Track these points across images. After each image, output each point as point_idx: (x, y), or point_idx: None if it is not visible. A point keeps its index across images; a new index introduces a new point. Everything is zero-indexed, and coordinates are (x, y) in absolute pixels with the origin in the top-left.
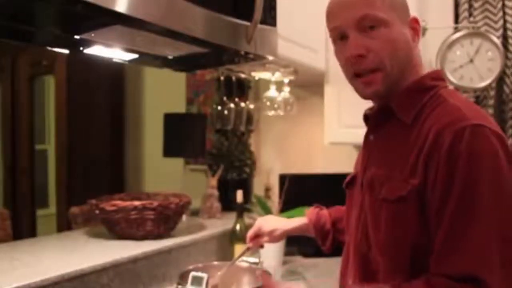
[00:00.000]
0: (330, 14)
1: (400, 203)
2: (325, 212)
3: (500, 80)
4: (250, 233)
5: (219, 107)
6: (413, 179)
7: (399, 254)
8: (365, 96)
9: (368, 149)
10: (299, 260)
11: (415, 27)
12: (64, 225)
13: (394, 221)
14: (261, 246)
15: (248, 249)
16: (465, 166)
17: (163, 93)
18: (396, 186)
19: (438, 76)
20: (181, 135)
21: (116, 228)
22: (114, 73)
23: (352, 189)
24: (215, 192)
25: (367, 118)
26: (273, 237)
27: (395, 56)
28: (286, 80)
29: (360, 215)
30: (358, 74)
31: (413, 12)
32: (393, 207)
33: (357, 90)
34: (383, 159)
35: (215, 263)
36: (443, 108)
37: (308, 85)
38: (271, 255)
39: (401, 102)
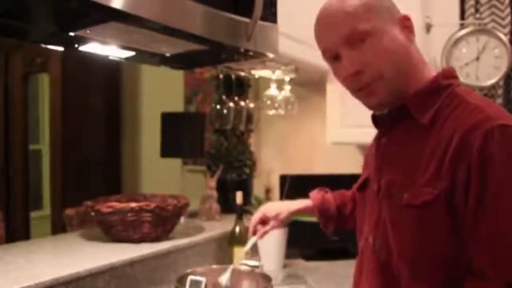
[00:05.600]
0: (318, 36)
1: (425, 209)
2: (330, 195)
3: (508, 78)
4: (254, 220)
5: (218, 106)
6: (439, 183)
7: (425, 260)
8: (371, 107)
9: (381, 152)
10: (300, 263)
11: (407, 25)
12: (59, 227)
13: (420, 227)
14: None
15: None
16: (500, 167)
17: (161, 92)
18: (420, 191)
19: (451, 75)
20: (179, 135)
21: (112, 231)
22: (110, 71)
23: (364, 193)
24: (214, 194)
25: (375, 119)
26: (279, 221)
27: (392, 62)
28: (287, 78)
29: (378, 222)
30: (360, 89)
31: (417, 8)
32: (419, 213)
33: (363, 102)
34: (400, 163)
35: (214, 266)
36: (465, 108)
37: (310, 84)
38: (271, 258)
39: (416, 102)
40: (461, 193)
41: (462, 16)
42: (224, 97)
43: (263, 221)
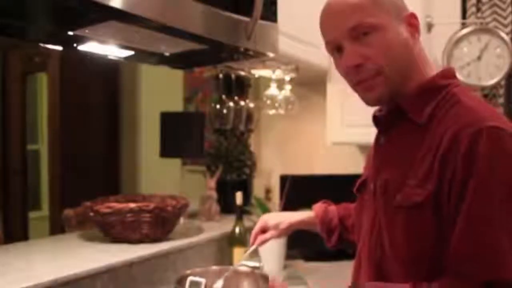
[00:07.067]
0: (322, 27)
1: (416, 210)
2: (332, 208)
3: (509, 77)
4: (255, 229)
5: (218, 106)
6: (429, 184)
7: (416, 260)
8: (369, 102)
9: (380, 152)
10: (300, 264)
11: (413, 23)
12: (57, 228)
13: (411, 228)
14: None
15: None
16: (482, 167)
17: (160, 91)
18: (412, 192)
19: (450, 75)
20: (179, 135)
21: (111, 231)
22: (109, 70)
23: (363, 194)
24: (214, 194)
25: (376, 119)
26: (279, 230)
27: (394, 59)
28: (287, 78)
29: (374, 221)
30: (359, 82)
31: (418, 7)
32: (410, 214)
33: (361, 97)
34: (396, 163)
35: (214, 267)
36: (458, 109)
37: (310, 83)
38: (271, 259)
39: (412, 102)
40: (446, 193)
41: (464, 15)
42: (224, 96)
43: (264, 230)
